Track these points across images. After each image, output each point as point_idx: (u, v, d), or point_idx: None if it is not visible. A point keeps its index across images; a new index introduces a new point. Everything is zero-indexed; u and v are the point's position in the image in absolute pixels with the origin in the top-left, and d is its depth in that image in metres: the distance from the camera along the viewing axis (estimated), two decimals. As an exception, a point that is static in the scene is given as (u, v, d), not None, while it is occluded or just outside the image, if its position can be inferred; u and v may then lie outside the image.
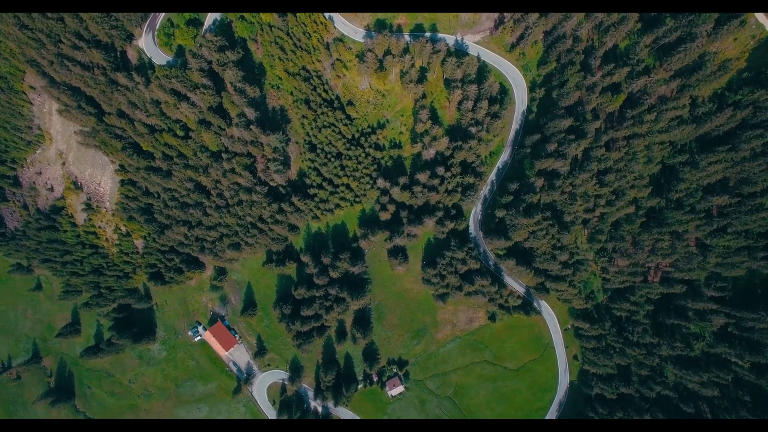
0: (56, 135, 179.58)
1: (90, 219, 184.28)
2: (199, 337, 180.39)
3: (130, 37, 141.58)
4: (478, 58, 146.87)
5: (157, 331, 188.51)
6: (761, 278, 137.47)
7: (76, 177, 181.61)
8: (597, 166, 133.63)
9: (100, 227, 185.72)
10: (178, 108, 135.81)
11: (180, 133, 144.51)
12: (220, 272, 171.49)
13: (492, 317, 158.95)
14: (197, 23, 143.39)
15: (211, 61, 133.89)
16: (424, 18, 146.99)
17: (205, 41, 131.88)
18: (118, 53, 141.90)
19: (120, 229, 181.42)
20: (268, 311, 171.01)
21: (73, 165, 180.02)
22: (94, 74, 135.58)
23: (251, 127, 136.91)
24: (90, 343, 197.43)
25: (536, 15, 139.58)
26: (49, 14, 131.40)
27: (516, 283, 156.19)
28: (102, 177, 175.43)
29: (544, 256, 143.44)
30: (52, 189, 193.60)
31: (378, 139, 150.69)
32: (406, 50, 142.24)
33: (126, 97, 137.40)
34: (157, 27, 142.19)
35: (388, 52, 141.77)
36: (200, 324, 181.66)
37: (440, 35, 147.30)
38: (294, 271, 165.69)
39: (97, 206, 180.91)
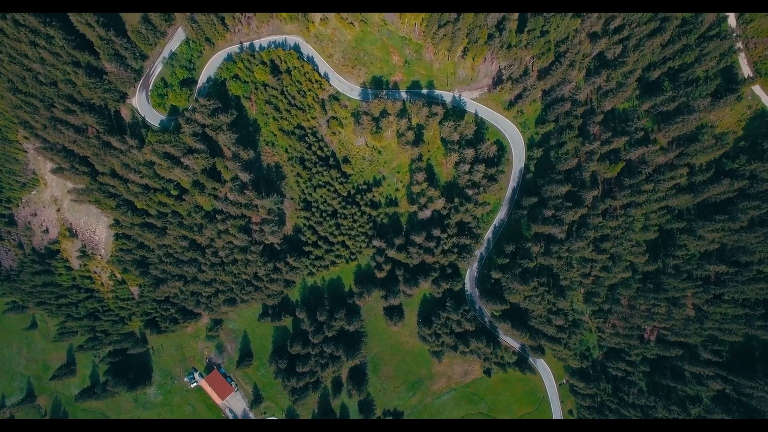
0: (51, 181, 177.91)
1: (85, 264, 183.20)
2: (195, 384, 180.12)
3: (123, 97, 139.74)
4: (476, 115, 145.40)
5: (153, 375, 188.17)
6: (759, 341, 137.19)
7: (71, 224, 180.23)
8: (594, 233, 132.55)
9: (95, 272, 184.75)
10: (171, 170, 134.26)
11: (174, 192, 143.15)
12: (216, 322, 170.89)
13: (487, 372, 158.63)
14: (191, 82, 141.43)
15: (204, 125, 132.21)
16: (420, 75, 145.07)
17: (198, 105, 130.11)
18: (112, 113, 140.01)
19: (115, 276, 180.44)
20: (264, 361, 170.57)
21: (68, 212, 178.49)
22: (87, 137, 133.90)
23: (245, 191, 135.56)
24: (85, 383, 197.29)
25: (535, 77, 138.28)
26: (41, 79, 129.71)
27: (512, 339, 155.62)
28: (97, 226, 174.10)
29: (539, 319, 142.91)
30: (47, 231, 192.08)
31: (374, 196, 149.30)
32: (403, 111, 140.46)
33: (119, 159, 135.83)
34: (150, 87, 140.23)
35: (384, 113, 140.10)
36: (196, 370, 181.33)
37: (437, 92, 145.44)
38: (290, 322, 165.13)
39: (92, 253, 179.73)
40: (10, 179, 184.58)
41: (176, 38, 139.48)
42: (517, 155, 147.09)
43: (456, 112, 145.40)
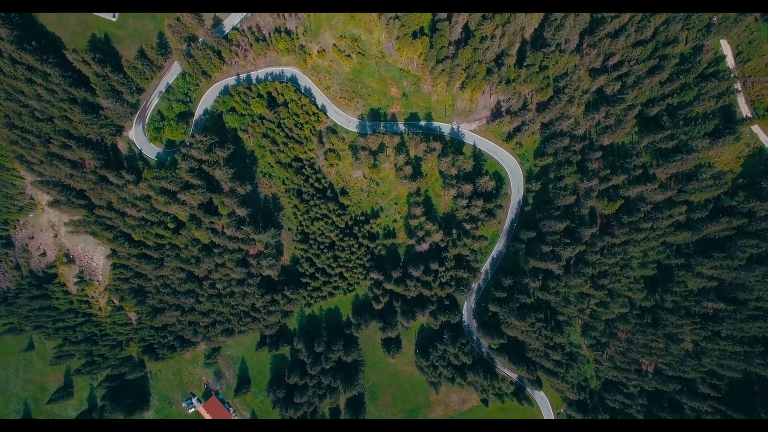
0: (48, 207, 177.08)
1: (83, 290, 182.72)
2: (193, 409, 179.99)
3: (120, 130, 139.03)
4: (474, 146, 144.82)
5: (150, 399, 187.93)
6: (758, 375, 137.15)
7: (68, 249, 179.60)
8: (591, 270, 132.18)
9: (93, 297, 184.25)
10: (168, 205, 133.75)
11: (171, 225, 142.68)
12: (215, 349, 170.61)
13: (485, 401, 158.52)
14: (187, 115, 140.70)
15: (201, 160, 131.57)
16: (419, 107, 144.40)
17: (195, 141, 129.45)
18: (109, 146, 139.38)
19: (113, 302, 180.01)
20: (262, 388, 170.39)
21: (65, 238, 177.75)
22: (84, 172, 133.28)
23: (242, 227, 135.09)
24: (83, 406, 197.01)
25: (533, 110, 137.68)
26: (38, 115, 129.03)
27: (509, 371, 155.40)
28: (94, 252, 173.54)
29: (537, 352, 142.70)
30: (44, 254, 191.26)
31: (371, 228, 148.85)
32: (401, 145, 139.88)
33: (116, 194, 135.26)
34: (147, 120, 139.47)
35: (382, 147, 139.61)
36: (194, 396, 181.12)
37: (436, 124, 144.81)
38: (288, 350, 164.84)
39: (89, 279, 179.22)
40: (7, 203, 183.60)
41: (172, 71, 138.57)
42: (516, 187, 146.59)
43: (454, 143, 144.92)
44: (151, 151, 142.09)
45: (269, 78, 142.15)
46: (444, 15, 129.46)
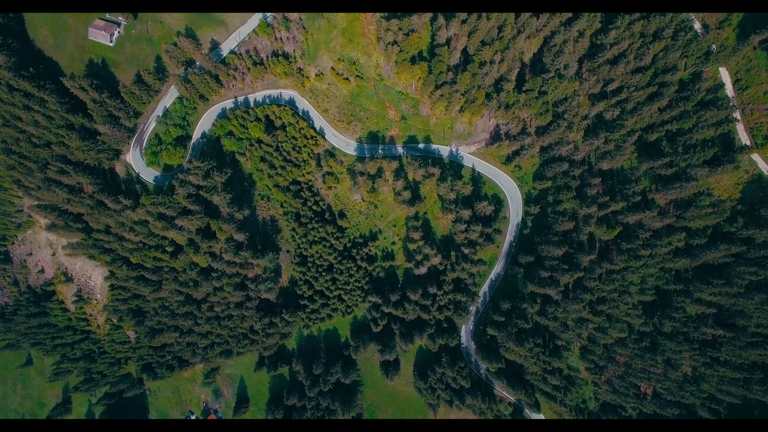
0: (46, 231, 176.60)
1: (81, 308, 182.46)
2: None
3: (117, 154, 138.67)
4: (473, 169, 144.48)
5: (149, 416, 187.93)
6: (758, 400, 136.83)
7: (66, 268, 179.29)
8: (590, 297, 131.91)
9: (91, 315, 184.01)
10: (166, 230, 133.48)
11: (169, 249, 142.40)
12: (213, 368, 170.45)
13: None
14: (185, 138, 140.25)
15: (198, 186, 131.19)
16: (417, 130, 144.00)
17: (192, 167, 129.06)
18: (106, 170, 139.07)
19: (111, 320, 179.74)
20: (261, 407, 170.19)
21: (63, 256, 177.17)
22: (82, 196, 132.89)
23: (240, 252, 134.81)
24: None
25: (533, 135, 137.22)
26: (35, 140, 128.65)
27: (508, 393, 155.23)
28: (92, 272, 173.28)
29: (535, 376, 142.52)
30: (42, 271, 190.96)
31: (370, 250, 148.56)
32: (399, 169, 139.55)
33: (113, 218, 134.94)
34: (144, 144, 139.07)
35: (380, 171, 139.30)
36: (193, 414, 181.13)
37: (434, 146, 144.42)
38: (287, 371, 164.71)
39: (88, 298, 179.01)
40: (5, 220, 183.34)
41: (170, 94, 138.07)
42: (515, 209, 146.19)
43: (453, 166, 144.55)
44: (149, 174, 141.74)
45: (267, 101, 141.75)
46: (443, 39, 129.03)
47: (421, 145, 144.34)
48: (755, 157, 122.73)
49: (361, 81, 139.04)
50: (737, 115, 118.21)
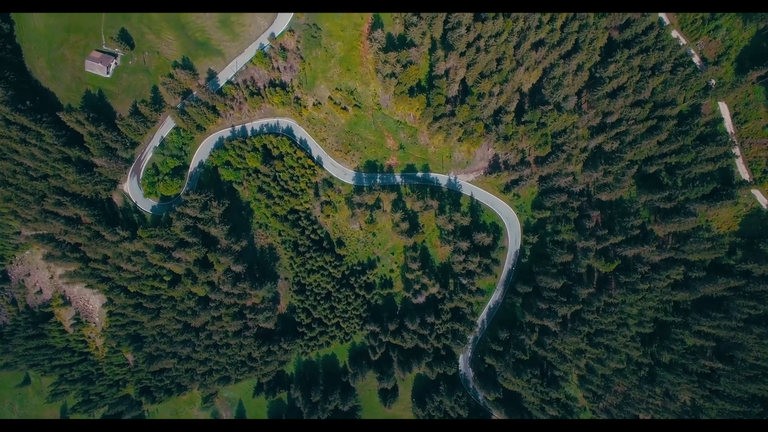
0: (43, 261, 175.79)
1: (79, 330, 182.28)
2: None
3: (114, 184, 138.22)
4: (471, 197, 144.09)
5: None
6: None
7: (64, 291, 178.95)
8: (588, 329, 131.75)
9: (89, 337, 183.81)
10: (164, 262, 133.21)
11: (167, 278, 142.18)
12: (212, 393, 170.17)
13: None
14: (182, 168, 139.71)
15: (196, 218, 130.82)
16: (415, 158, 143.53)
17: (189, 199, 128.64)
18: (104, 200, 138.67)
19: (110, 343, 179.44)
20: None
21: (61, 280, 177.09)
22: (79, 228, 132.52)
23: (238, 283, 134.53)
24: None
25: (532, 164, 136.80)
26: (32, 173, 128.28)
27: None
28: (91, 296, 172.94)
29: (533, 405, 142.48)
30: (41, 292, 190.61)
31: (368, 278, 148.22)
32: (397, 200, 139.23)
33: (111, 249, 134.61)
34: (142, 174, 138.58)
35: (378, 203, 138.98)
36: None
37: (433, 175, 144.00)
38: (285, 395, 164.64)
39: (86, 321, 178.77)
40: (2, 241, 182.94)
41: (167, 124, 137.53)
42: (513, 237, 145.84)
43: (451, 194, 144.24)
44: (146, 204, 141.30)
45: (264, 129, 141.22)
46: (441, 71, 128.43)
47: (419, 174, 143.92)
48: (754, 191, 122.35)
49: (359, 110, 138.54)
50: (736, 151, 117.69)
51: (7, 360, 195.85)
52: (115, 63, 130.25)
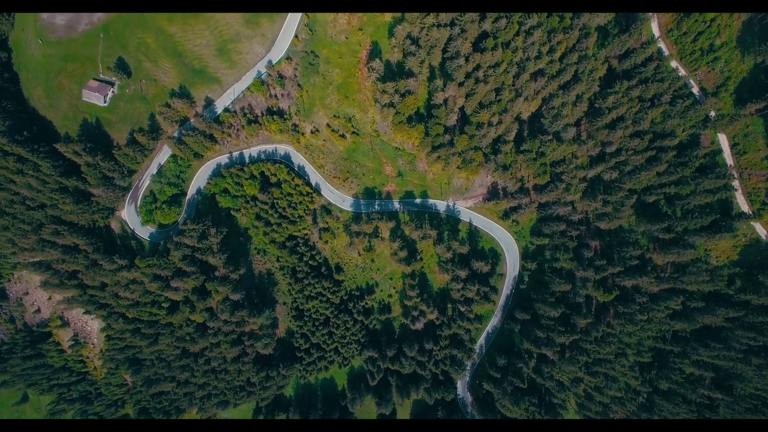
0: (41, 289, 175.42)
1: (78, 351, 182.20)
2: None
3: (112, 212, 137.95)
4: (470, 223, 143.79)
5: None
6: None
7: (62, 312, 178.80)
8: (586, 358, 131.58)
9: (88, 358, 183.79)
10: (162, 290, 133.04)
11: (165, 305, 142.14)
12: (211, 417, 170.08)
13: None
14: (180, 196, 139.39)
15: (194, 247, 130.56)
16: (414, 185, 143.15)
17: (187, 229, 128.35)
18: (102, 228, 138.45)
19: (108, 365, 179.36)
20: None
21: (60, 305, 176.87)
22: (76, 256, 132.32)
23: (237, 311, 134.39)
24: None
25: (531, 192, 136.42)
26: (29, 203, 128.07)
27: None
28: (89, 318, 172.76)
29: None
30: (39, 310, 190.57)
31: (366, 303, 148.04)
32: (396, 228, 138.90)
33: (109, 277, 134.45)
34: (139, 201, 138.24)
35: (377, 231, 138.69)
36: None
37: (431, 201, 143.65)
38: (284, 418, 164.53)
39: (84, 342, 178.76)
40: (1, 261, 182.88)
41: (164, 152, 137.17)
42: (512, 263, 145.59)
43: (450, 220, 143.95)
44: (144, 231, 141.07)
45: (262, 156, 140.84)
46: (440, 100, 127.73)
47: (417, 200, 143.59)
48: (753, 221, 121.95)
49: (357, 137, 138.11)
50: (735, 184, 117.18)
51: (5, 378, 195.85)
52: (112, 92, 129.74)
